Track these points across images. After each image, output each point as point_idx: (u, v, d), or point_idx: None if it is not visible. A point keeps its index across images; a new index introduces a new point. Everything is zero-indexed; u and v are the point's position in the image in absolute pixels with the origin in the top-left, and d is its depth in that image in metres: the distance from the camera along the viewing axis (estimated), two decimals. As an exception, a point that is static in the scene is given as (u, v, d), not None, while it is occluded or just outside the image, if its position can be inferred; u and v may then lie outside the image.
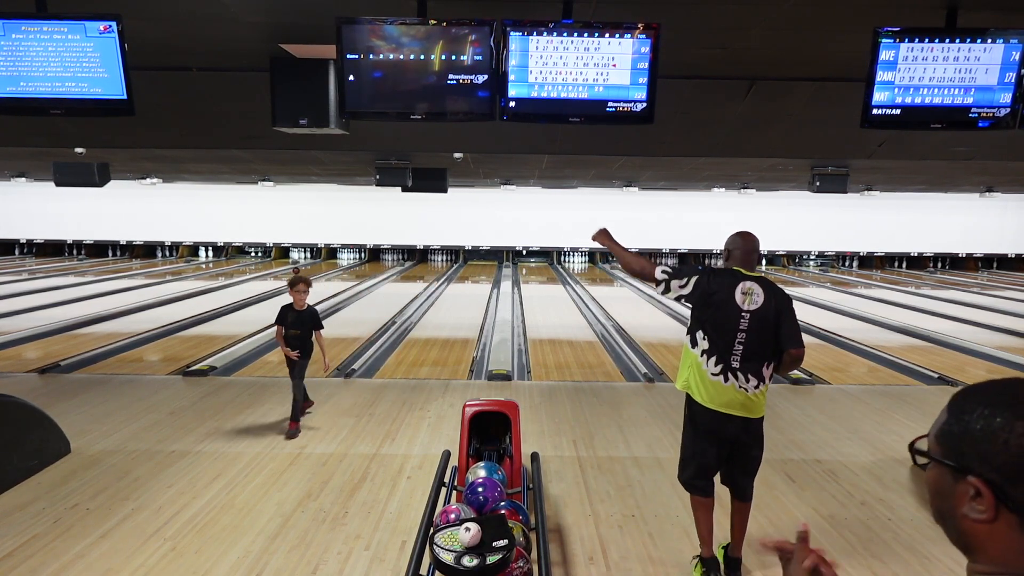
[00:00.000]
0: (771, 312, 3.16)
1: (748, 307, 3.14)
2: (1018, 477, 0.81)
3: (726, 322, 3.15)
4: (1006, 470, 0.81)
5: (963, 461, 0.85)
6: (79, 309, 11.57)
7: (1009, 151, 7.44)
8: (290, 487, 4.30)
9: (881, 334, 10.39)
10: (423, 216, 20.41)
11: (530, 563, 2.66)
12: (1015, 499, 0.81)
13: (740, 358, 3.14)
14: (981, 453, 0.83)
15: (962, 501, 0.86)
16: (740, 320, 3.13)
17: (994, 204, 17.41)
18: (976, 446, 0.84)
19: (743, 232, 3.36)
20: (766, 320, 3.15)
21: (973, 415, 0.86)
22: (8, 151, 10.33)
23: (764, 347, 3.17)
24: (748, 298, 3.15)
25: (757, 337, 3.15)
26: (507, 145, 7.66)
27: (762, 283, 3.21)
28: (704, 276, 3.27)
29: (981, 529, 0.84)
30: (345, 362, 7.98)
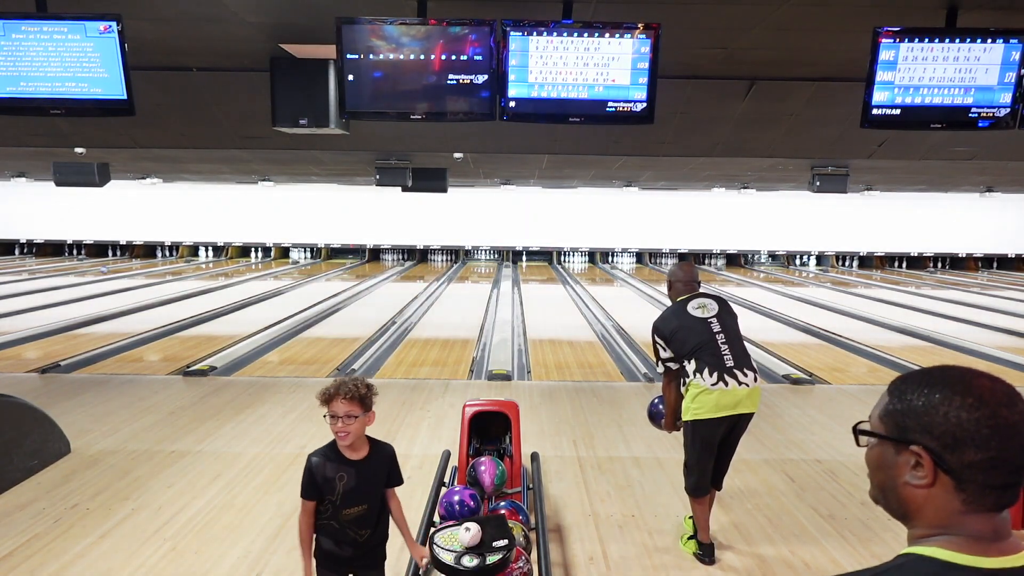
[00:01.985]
0: (728, 313, 3.54)
1: (709, 316, 3.46)
2: (954, 444, 0.92)
3: (702, 336, 3.38)
4: (944, 439, 0.93)
5: (905, 434, 0.97)
6: (79, 309, 11.57)
7: (1009, 151, 7.43)
8: (290, 487, 4.30)
9: (881, 334, 10.39)
10: (423, 216, 20.40)
11: (530, 563, 2.66)
12: (951, 464, 0.93)
13: (732, 357, 3.37)
14: (922, 425, 0.95)
15: (903, 471, 0.97)
16: (710, 328, 3.42)
17: (994, 204, 17.39)
18: (918, 419, 0.96)
19: (682, 264, 3.83)
20: (728, 320, 3.50)
21: (914, 394, 0.97)
22: (8, 151, 10.32)
23: (742, 344, 3.49)
24: (704, 309, 3.50)
25: (733, 335, 3.45)
26: (507, 145, 7.66)
27: (706, 295, 3.62)
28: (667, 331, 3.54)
29: (920, 494, 0.96)
30: (345, 362, 7.98)
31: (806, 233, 21.08)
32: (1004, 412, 0.92)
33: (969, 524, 0.94)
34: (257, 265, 20.87)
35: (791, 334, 10.51)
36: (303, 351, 8.88)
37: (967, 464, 0.92)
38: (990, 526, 0.93)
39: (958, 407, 0.93)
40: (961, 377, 0.96)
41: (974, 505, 0.93)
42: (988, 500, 0.93)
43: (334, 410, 2.39)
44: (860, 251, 21.81)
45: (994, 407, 0.92)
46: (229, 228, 21.16)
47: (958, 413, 0.92)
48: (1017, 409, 0.92)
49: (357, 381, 2.42)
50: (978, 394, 0.93)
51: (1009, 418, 0.91)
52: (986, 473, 0.92)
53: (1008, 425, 0.91)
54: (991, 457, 0.91)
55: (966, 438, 0.92)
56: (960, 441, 0.92)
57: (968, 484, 0.93)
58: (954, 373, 0.98)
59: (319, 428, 5.46)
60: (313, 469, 2.38)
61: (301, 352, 8.83)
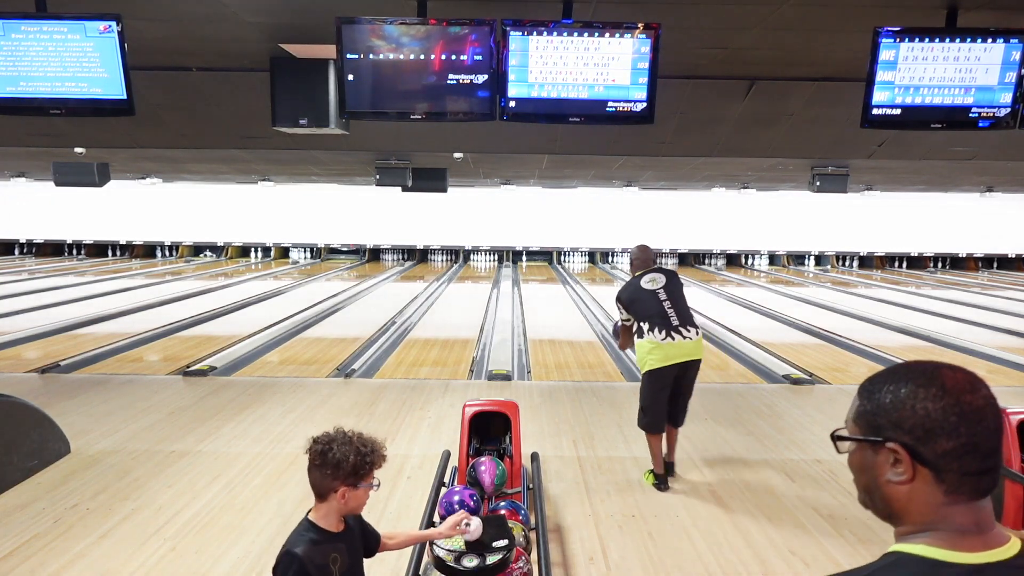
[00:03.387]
0: (674, 283, 4.38)
1: (657, 287, 4.33)
2: (927, 436, 0.94)
3: (652, 305, 4.27)
4: (916, 432, 0.95)
5: (880, 433, 0.99)
6: (79, 309, 11.58)
7: (1009, 151, 7.43)
8: (290, 487, 4.30)
9: (881, 334, 10.39)
10: (423, 216, 20.40)
11: (530, 563, 2.66)
12: (927, 455, 0.94)
13: (676, 318, 4.23)
14: (894, 421, 0.97)
15: (884, 469, 0.99)
16: (658, 297, 4.28)
17: (994, 204, 17.39)
18: (888, 417, 0.98)
19: (640, 246, 4.62)
20: (674, 289, 4.34)
21: (881, 392, 1.00)
22: (8, 151, 10.32)
23: (685, 306, 4.32)
24: (654, 283, 4.35)
25: (677, 299, 4.29)
26: (507, 145, 7.66)
27: (657, 270, 4.45)
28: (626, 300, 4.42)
29: (903, 491, 0.97)
30: (345, 362, 7.98)
31: (806, 233, 21.08)
32: (968, 398, 0.94)
33: (953, 517, 0.95)
34: (257, 265, 20.87)
35: (791, 334, 10.51)
36: (303, 351, 8.88)
37: (942, 453, 0.94)
38: (973, 518, 0.94)
39: (923, 399, 0.95)
40: (923, 370, 0.99)
41: (955, 495, 0.94)
42: (967, 487, 0.94)
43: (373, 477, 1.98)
44: (860, 251, 21.81)
45: (957, 395, 0.94)
46: (229, 228, 21.16)
47: (924, 405, 0.95)
48: (980, 394, 0.95)
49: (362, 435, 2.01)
50: (940, 383, 0.96)
51: (973, 403, 0.94)
52: (961, 460, 0.93)
53: (973, 410, 0.94)
54: (963, 443, 0.93)
55: (936, 428, 0.94)
56: (931, 432, 0.94)
57: (946, 473, 0.94)
58: (916, 367, 1.00)
59: (319, 428, 5.44)
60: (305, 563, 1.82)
61: (301, 352, 8.83)
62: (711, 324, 10.91)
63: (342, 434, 1.97)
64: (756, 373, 7.84)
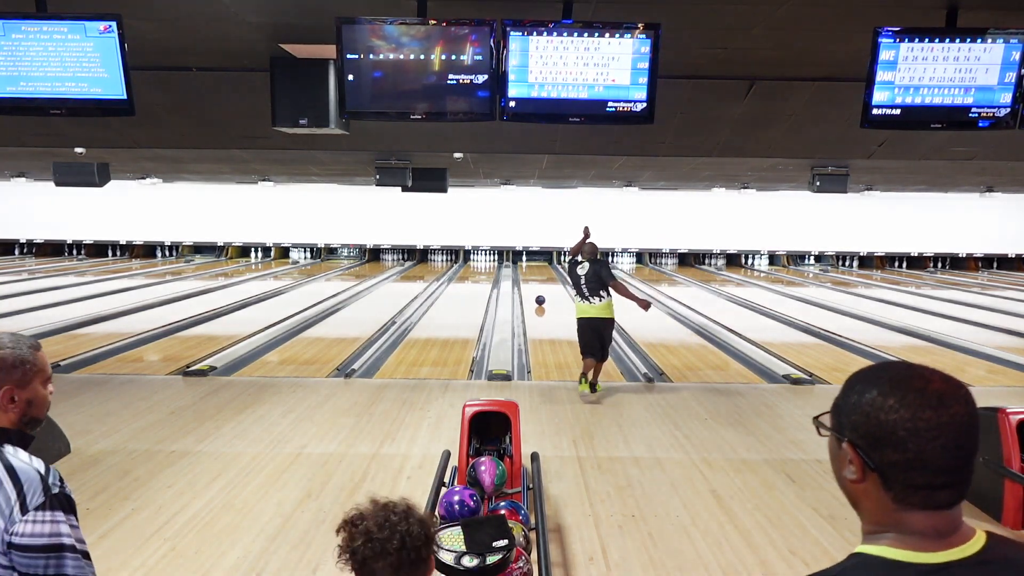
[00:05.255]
0: (594, 268, 6.32)
1: (583, 272, 6.35)
2: (878, 444, 0.94)
3: (574, 280, 6.47)
4: (868, 437, 0.95)
5: (841, 430, 1.00)
6: (79, 309, 11.58)
7: (1009, 151, 7.43)
8: (290, 487, 4.30)
9: (881, 334, 10.40)
10: (423, 216, 20.39)
11: (530, 563, 2.66)
12: (875, 461, 0.95)
13: (587, 290, 6.32)
14: (851, 423, 0.98)
15: (844, 464, 1.00)
16: (579, 277, 6.37)
17: (994, 204, 17.37)
18: (849, 416, 0.99)
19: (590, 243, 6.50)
20: (591, 271, 6.32)
21: (854, 390, 1.00)
22: (8, 151, 10.32)
23: (595, 283, 6.30)
24: (582, 267, 6.36)
25: (591, 278, 6.30)
26: (507, 145, 7.66)
27: (588, 261, 6.37)
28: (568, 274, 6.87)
29: (857, 489, 1.00)
30: (345, 362, 7.98)
31: (806, 233, 21.07)
32: (927, 414, 0.92)
33: (907, 522, 0.95)
34: (257, 265, 20.88)
35: (791, 334, 10.51)
36: (303, 351, 8.88)
37: (888, 463, 0.94)
38: (930, 525, 0.94)
39: (879, 408, 0.94)
40: (894, 377, 0.97)
41: (904, 503, 0.94)
42: (915, 499, 0.94)
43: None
44: (860, 251, 21.80)
45: (916, 409, 0.92)
46: (229, 228, 21.15)
47: (878, 415, 0.94)
48: (945, 411, 0.92)
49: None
50: (903, 395, 0.94)
51: (931, 419, 0.92)
52: (906, 473, 0.93)
53: (929, 428, 0.91)
54: (908, 458, 0.92)
55: (884, 439, 0.94)
56: (879, 440, 0.94)
57: (892, 483, 0.94)
58: (893, 371, 0.99)
59: (319, 428, 5.47)
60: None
61: (301, 352, 8.83)
62: (711, 324, 10.91)
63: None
64: (756, 373, 7.84)
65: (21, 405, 1.50)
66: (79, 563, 1.42)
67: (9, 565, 1.37)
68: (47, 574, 1.38)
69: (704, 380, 7.52)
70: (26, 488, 1.39)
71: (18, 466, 1.41)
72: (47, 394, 1.57)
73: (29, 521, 1.37)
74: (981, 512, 4.02)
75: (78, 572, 1.41)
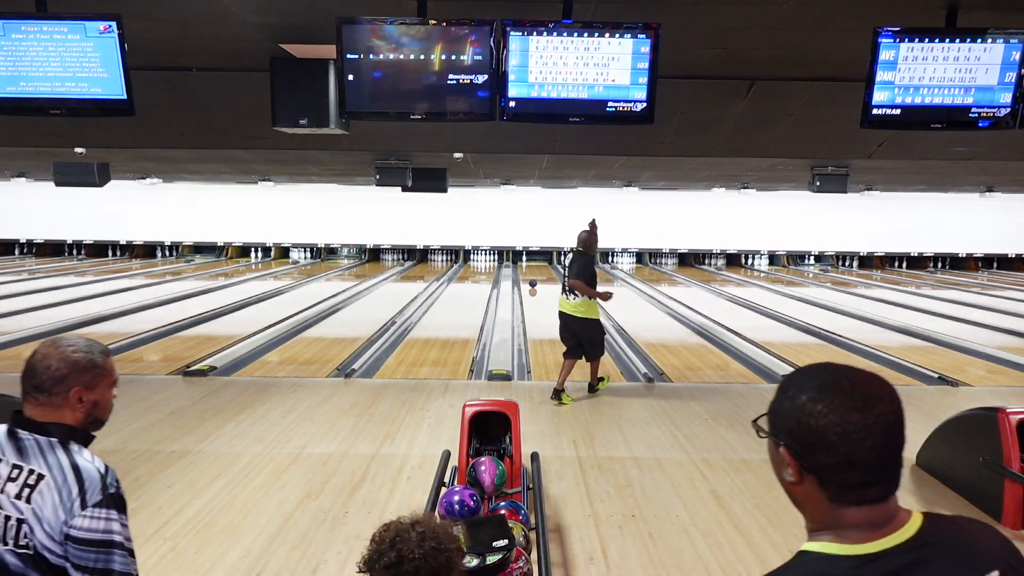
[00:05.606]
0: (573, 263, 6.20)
1: (566, 264, 6.34)
2: (811, 447, 0.98)
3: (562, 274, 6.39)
4: (801, 442, 0.99)
5: (777, 434, 1.03)
6: (79, 309, 11.57)
7: (1009, 151, 7.44)
8: (290, 487, 4.30)
9: (881, 334, 10.39)
10: (423, 216, 20.39)
11: (530, 563, 2.66)
12: (811, 465, 0.98)
13: (566, 284, 6.22)
14: (786, 428, 1.01)
15: (782, 467, 1.03)
16: (564, 272, 6.32)
17: (994, 204, 17.37)
18: (783, 421, 1.02)
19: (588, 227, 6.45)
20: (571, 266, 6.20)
21: (786, 395, 1.03)
22: (8, 151, 10.33)
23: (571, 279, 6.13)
24: (568, 259, 6.36)
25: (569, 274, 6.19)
26: (507, 145, 7.67)
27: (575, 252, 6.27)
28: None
29: (796, 490, 1.03)
30: (345, 362, 7.98)
31: (806, 233, 21.06)
32: (854, 417, 0.96)
33: (844, 518, 0.98)
34: (257, 265, 20.88)
35: (791, 334, 10.51)
36: (303, 351, 8.88)
37: (822, 466, 0.98)
38: (865, 518, 0.98)
39: (809, 414, 0.97)
40: (822, 382, 1.00)
41: (839, 501, 0.98)
42: (850, 497, 0.98)
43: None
44: (860, 251, 21.80)
45: (844, 413, 0.96)
46: (229, 228, 21.15)
47: (808, 420, 0.97)
48: (872, 412, 0.96)
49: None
50: (830, 400, 0.97)
51: (859, 421, 0.95)
52: (839, 474, 0.97)
53: (856, 429, 0.95)
54: (839, 460, 0.96)
55: (816, 443, 0.97)
56: (812, 445, 0.97)
57: (828, 483, 0.98)
58: (821, 376, 1.01)
59: (319, 428, 5.47)
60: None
61: (301, 352, 8.83)
62: (711, 324, 10.91)
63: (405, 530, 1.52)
64: (756, 373, 7.84)
65: (88, 406, 1.57)
66: (126, 560, 1.50)
67: (63, 555, 1.46)
68: (96, 567, 1.46)
69: (704, 380, 7.52)
70: (87, 486, 1.48)
71: (82, 465, 1.50)
72: (112, 398, 1.65)
73: (87, 516, 1.46)
74: (981, 512, 4.02)
75: (124, 568, 1.49)
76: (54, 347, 1.58)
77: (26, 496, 1.46)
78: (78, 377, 1.55)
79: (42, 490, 1.46)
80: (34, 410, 1.55)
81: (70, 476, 1.48)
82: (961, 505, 4.18)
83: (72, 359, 1.56)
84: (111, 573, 1.48)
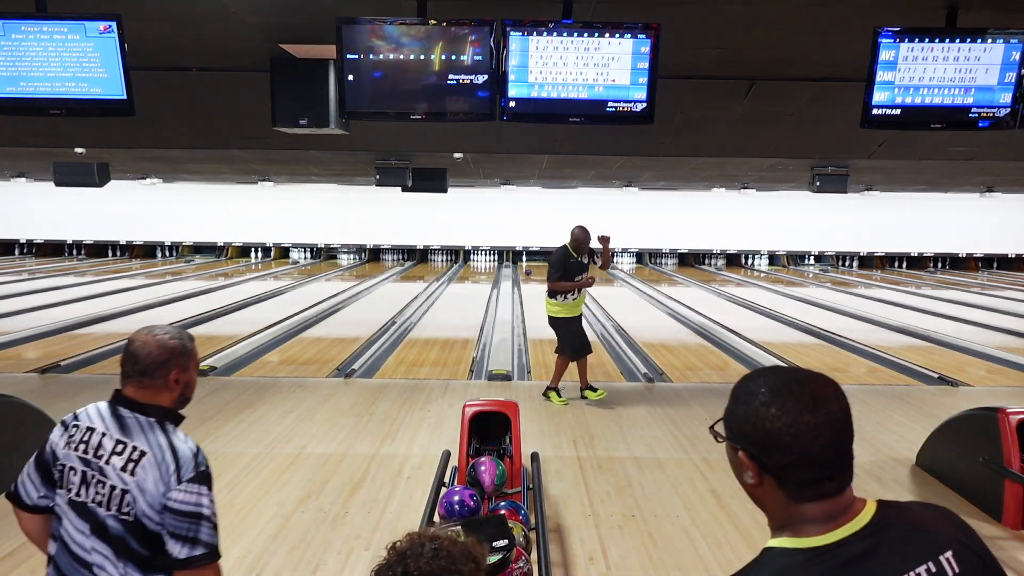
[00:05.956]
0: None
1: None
2: (767, 450, 1.02)
3: None
4: (759, 445, 1.03)
5: (735, 440, 1.07)
6: (79, 309, 11.57)
7: (1009, 151, 7.44)
8: (290, 487, 4.30)
9: (881, 334, 10.39)
10: (423, 216, 20.39)
11: (530, 563, 2.66)
12: (769, 466, 1.03)
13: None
14: (744, 433, 1.05)
15: (742, 470, 1.07)
16: None
17: (994, 204, 17.37)
18: (740, 427, 1.06)
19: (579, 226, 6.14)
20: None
21: (740, 400, 1.07)
22: (8, 151, 10.33)
23: None
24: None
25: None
26: (507, 145, 7.67)
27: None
28: None
29: (756, 491, 1.08)
30: (345, 362, 7.98)
31: (806, 233, 21.06)
32: (806, 418, 1.00)
33: (802, 513, 1.03)
34: (257, 265, 20.87)
35: (791, 334, 10.51)
36: (303, 351, 8.88)
37: (780, 466, 1.02)
38: (822, 511, 1.02)
39: (763, 417, 1.02)
40: (772, 385, 1.04)
41: (798, 498, 1.03)
42: (808, 493, 1.02)
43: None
44: (860, 251, 21.80)
45: (795, 414, 1.00)
46: (229, 228, 21.14)
47: (763, 424, 1.02)
48: (821, 412, 1.01)
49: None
50: (781, 403, 1.02)
51: (810, 422, 1.00)
52: (797, 472, 1.02)
53: (808, 429, 1.00)
54: (794, 460, 1.01)
55: (773, 445, 1.01)
56: (770, 448, 1.02)
57: (786, 482, 1.03)
58: (771, 380, 1.05)
59: (319, 428, 5.47)
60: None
61: (301, 352, 8.83)
62: (711, 324, 10.91)
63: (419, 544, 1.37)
64: (756, 373, 7.82)
65: (181, 387, 1.78)
66: (211, 531, 1.70)
67: (160, 523, 1.66)
68: (187, 535, 1.66)
69: (704, 380, 7.51)
70: (183, 463, 1.68)
71: (178, 445, 1.70)
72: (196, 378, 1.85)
73: (182, 491, 1.66)
74: (981, 512, 4.02)
75: (209, 539, 1.69)
76: (151, 335, 1.75)
77: (130, 470, 1.66)
78: (175, 361, 1.74)
79: (144, 465, 1.66)
80: (135, 391, 1.74)
81: (168, 455, 1.67)
82: (961, 505, 4.18)
83: (169, 345, 1.74)
84: (199, 542, 1.67)
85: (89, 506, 1.68)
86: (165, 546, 1.65)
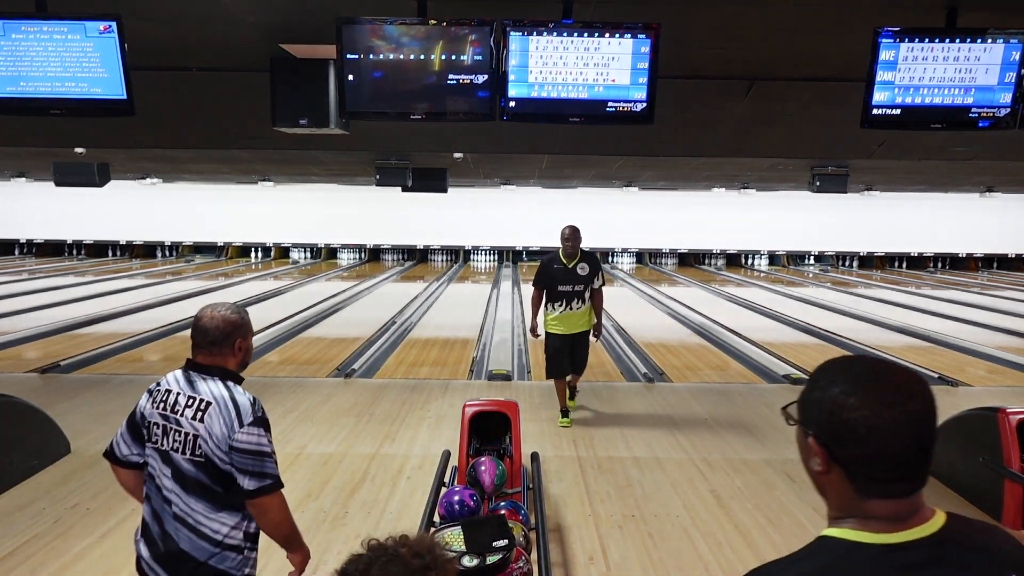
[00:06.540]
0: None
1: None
2: (840, 440, 0.99)
3: None
4: (831, 433, 1.00)
5: (807, 424, 1.05)
6: (79, 309, 11.57)
7: (1009, 151, 7.44)
8: (290, 487, 4.26)
9: (881, 334, 10.40)
10: (423, 216, 20.39)
11: (530, 563, 2.66)
12: (839, 456, 1.00)
13: None
14: (816, 419, 1.03)
15: (810, 456, 1.05)
16: None
17: (994, 204, 17.38)
18: (814, 412, 1.03)
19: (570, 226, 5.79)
20: None
21: (817, 386, 1.04)
22: (8, 151, 10.33)
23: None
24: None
25: None
26: (507, 145, 7.67)
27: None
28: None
29: (822, 479, 1.04)
30: (345, 362, 7.98)
31: (806, 233, 21.06)
32: (886, 413, 0.96)
33: (869, 508, 1.00)
34: (257, 265, 20.87)
35: (791, 334, 10.51)
36: (303, 351, 8.88)
37: (851, 458, 0.99)
38: (891, 511, 0.99)
39: (841, 406, 0.99)
40: (855, 375, 1.01)
41: (865, 492, 1.00)
42: (877, 489, 0.99)
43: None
44: (860, 251, 21.79)
45: (876, 408, 0.97)
46: (229, 228, 21.14)
47: (840, 413, 0.98)
48: (904, 408, 0.97)
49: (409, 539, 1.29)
50: (864, 394, 0.98)
51: (890, 417, 0.96)
52: (869, 466, 0.98)
53: (888, 425, 0.96)
54: (869, 453, 0.97)
55: (847, 436, 0.98)
56: (843, 438, 0.99)
57: (855, 475, 1.00)
58: (855, 369, 1.03)
59: (319, 428, 5.47)
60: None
61: (301, 352, 8.83)
62: (711, 324, 10.91)
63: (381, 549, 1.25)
64: (756, 373, 7.84)
65: (243, 353, 2.15)
66: (274, 465, 2.06)
67: (229, 462, 2.00)
68: (255, 470, 2.00)
69: (704, 380, 7.52)
70: (242, 411, 2.02)
71: (238, 397, 2.05)
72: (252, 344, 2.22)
73: (244, 432, 2.00)
74: (981, 512, 4.02)
75: (273, 470, 2.05)
76: (216, 312, 2.10)
77: (199, 418, 2.00)
78: (238, 331, 2.09)
79: (211, 414, 2.00)
80: (205, 359, 2.10)
81: (229, 405, 2.01)
82: (961, 505, 4.18)
83: (231, 319, 2.09)
84: (265, 474, 2.02)
85: (169, 453, 2.04)
86: (236, 481, 1.99)
